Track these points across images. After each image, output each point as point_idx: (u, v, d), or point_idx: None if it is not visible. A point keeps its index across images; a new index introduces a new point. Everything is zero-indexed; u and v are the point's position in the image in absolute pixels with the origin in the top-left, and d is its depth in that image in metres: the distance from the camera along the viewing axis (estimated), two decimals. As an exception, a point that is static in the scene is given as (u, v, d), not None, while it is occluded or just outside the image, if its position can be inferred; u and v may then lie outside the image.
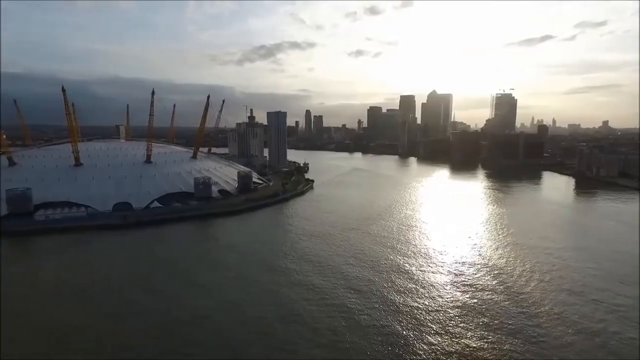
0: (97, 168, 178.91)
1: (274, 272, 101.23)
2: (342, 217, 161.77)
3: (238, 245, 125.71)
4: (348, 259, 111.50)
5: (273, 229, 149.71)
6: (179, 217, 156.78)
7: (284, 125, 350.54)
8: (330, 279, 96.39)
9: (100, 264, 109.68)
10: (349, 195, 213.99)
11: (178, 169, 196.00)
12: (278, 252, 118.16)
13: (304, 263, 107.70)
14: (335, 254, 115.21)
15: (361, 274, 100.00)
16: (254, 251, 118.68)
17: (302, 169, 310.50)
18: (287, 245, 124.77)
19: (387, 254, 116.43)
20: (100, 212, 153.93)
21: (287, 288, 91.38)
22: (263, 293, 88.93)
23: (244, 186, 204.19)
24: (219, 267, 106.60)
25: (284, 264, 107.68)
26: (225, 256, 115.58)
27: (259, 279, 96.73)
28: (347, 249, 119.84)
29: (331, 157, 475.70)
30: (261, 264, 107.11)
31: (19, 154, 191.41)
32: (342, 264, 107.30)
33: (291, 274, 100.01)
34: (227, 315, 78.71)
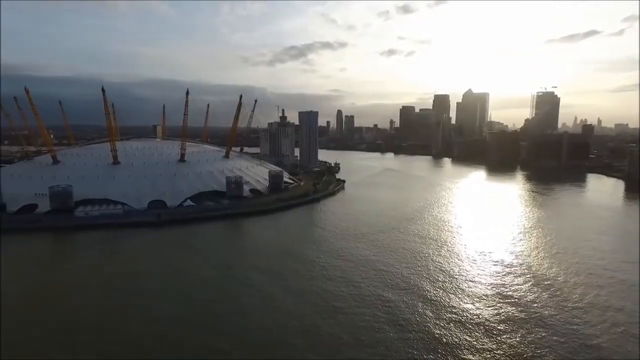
0: (133, 166, 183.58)
1: (305, 269, 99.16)
2: (374, 218, 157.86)
3: (268, 244, 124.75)
4: (380, 262, 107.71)
5: (304, 229, 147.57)
6: (210, 216, 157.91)
7: (315, 124, 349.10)
8: (363, 282, 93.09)
9: (134, 259, 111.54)
10: (381, 196, 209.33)
11: (211, 168, 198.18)
12: (310, 252, 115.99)
13: (334, 262, 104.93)
14: (367, 256, 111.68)
15: (394, 277, 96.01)
16: (287, 250, 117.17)
17: (333, 169, 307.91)
18: (319, 246, 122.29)
19: (421, 257, 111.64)
20: (135, 209, 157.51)
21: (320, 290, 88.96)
22: (307, 295, 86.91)
23: (275, 185, 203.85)
24: (245, 279, 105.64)
25: (316, 262, 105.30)
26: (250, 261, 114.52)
27: (293, 279, 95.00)
28: (380, 251, 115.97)
29: (362, 157, 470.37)
30: (292, 262, 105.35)
31: (62, 153, 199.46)
32: (373, 266, 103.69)
33: (322, 275, 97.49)
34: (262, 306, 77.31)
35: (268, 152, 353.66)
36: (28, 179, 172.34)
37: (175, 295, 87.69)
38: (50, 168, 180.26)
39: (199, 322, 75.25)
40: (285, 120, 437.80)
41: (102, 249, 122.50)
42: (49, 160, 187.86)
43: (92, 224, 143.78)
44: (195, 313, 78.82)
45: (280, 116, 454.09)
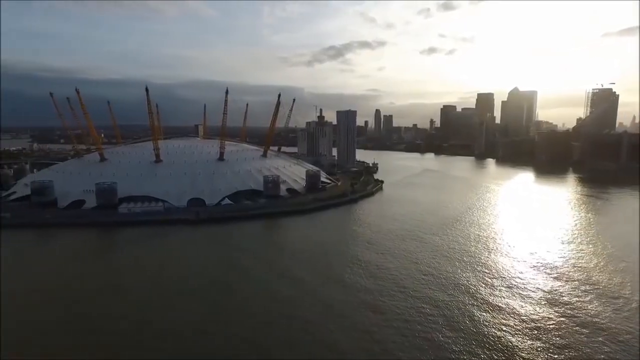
0: (174, 165, 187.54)
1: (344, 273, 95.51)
2: (414, 220, 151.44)
3: (304, 245, 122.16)
4: (423, 266, 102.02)
5: (341, 230, 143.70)
6: (247, 215, 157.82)
7: (353, 124, 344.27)
8: (403, 289, 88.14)
9: (174, 256, 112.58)
10: (420, 198, 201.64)
11: (248, 166, 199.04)
12: (347, 254, 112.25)
13: (374, 269, 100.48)
14: (409, 261, 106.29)
15: (438, 285, 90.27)
16: (325, 252, 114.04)
17: (371, 169, 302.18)
18: (356, 249, 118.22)
19: (466, 263, 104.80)
20: (175, 207, 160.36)
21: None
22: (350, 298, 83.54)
23: (312, 185, 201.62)
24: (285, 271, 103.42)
25: (353, 269, 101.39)
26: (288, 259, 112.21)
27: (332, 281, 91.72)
28: (422, 256, 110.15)
29: (401, 157, 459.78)
30: (330, 265, 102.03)
31: (109, 151, 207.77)
32: (416, 271, 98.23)
33: (361, 281, 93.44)
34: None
35: (305, 152, 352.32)
36: (77, 175, 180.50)
37: (217, 294, 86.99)
38: (97, 165, 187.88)
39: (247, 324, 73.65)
40: (323, 120, 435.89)
41: (143, 245, 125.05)
42: (96, 158, 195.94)
43: (134, 221, 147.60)
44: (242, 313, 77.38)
45: (318, 116, 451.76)
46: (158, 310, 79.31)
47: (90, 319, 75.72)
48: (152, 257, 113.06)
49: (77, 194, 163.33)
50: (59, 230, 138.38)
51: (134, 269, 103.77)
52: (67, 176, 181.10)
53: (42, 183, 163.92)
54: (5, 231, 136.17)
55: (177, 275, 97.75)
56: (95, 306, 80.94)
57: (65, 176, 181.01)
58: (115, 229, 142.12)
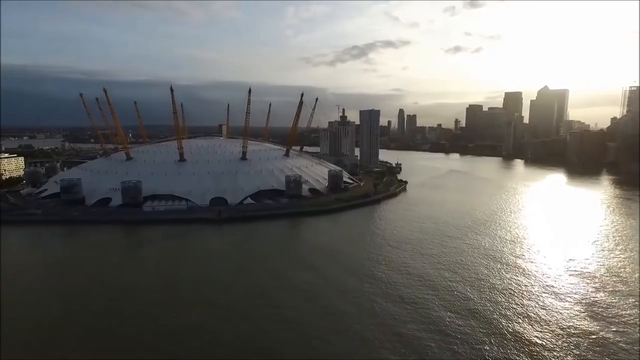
0: (198, 164, 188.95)
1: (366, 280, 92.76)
2: (439, 223, 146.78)
3: (327, 247, 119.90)
4: (446, 272, 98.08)
5: (364, 232, 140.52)
6: (269, 215, 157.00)
7: (376, 123, 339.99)
8: (425, 298, 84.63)
9: (195, 256, 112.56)
10: (446, 199, 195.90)
11: (271, 166, 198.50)
12: (368, 258, 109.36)
13: (396, 276, 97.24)
14: (432, 267, 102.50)
15: (463, 294, 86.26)
16: (347, 255, 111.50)
17: (395, 169, 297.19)
18: (379, 252, 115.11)
19: (494, 270, 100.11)
20: (198, 205, 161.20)
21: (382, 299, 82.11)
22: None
23: (335, 185, 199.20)
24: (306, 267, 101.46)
25: (374, 271, 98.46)
26: (314, 258, 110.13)
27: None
28: (447, 262, 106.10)
29: (425, 157, 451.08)
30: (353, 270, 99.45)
31: (135, 150, 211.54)
32: (440, 278, 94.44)
33: (378, 285, 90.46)
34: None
35: (328, 152, 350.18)
36: (105, 174, 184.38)
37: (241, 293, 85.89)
38: (123, 164, 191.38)
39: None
40: (346, 120, 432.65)
41: (165, 244, 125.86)
42: (123, 157, 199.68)
43: (158, 219, 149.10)
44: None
45: (341, 115, 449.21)
46: (178, 308, 78.92)
47: (109, 314, 76.02)
48: (173, 256, 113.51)
49: (104, 192, 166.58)
50: (86, 228, 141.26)
51: (156, 267, 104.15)
52: (94, 174, 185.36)
53: (71, 181, 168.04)
54: (35, 227, 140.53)
55: (195, 275, 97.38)
56: (116, 302, 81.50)
57: (92, 174, 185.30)
58: (139, 226, 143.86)
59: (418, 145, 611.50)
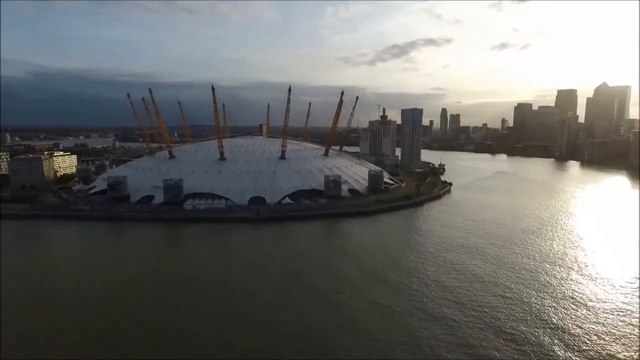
0: (237, 163, 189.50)
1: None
2: (486, 228, 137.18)
3: (365, 250, 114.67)
4: (500, 286, 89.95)
5: (405, 236, 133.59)
6: (307, 215, 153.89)
7: (419, 123, 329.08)
8: (474, 315, 77.43)
9: (234, 256, 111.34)
10: (494, 203, 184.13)
11: (309, 165, 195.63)
12: (411, 266, 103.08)
13: (443, 280, 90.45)
14: (481, 276, 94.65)
15: (516, 312, 78.24)
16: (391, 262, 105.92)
17: (438, 170, 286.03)
18: (423, 258, 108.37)
19: (555, 285, 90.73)
20: (237, 204, 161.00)
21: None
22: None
23: (375, 186, 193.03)
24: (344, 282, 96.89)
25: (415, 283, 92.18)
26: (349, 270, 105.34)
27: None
28: (497, 271, 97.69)
29: (470, 158, 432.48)
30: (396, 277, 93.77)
31: (177, 149, 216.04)
32: (489, 293, 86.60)
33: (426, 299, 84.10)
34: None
35: (368, 151, 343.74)
36: (149, 172, 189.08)
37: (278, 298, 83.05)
38: (166, 163, 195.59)
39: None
40: (386, 119, 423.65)
41: (205, 243, 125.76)
42: (166, 156, 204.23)
43: (198, 217, 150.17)
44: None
45: (381, 115, 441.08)
46: (216, 308, 77.24)
47: (147, 312, 75.41)
48: (212, 255, 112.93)
49: (147, 190, 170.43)
50: (129, 225, 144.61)
51: (196, 266, 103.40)
52: (139, 172, 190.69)
53: (117, 179, 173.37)
54: (83, 223, 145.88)
55: (234, 275, 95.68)
56: (157, 300, 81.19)
57: (137, 172, 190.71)
58: (180, 224, 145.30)
59: (462, 145, 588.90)
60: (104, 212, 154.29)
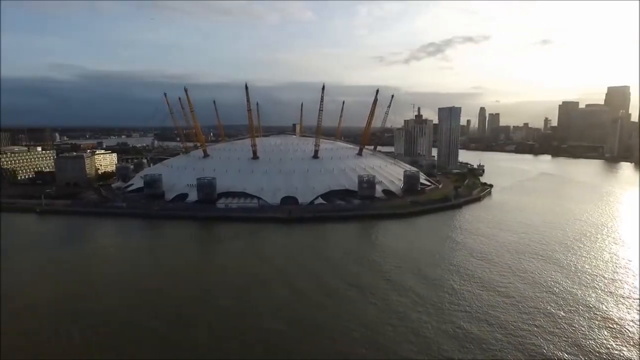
0: (270, 162, 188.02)
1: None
2: (532, 233, 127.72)
3: (400, 256, 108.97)
4: (557, 307, 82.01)
5: (444, 241, 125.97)
6: (340, 216, 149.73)
7: (457, 122, 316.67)
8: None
9: (267, 256, 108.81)
10: (539, 206, 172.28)
11: (343, 165, 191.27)
12: (449, 278, 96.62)
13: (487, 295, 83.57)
14: (530, 289, 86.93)
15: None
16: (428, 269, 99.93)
17: (477, 171, 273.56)
18: (463, 268, 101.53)
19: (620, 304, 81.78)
20: (269, 204, 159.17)
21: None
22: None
23: (410, 187, 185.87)
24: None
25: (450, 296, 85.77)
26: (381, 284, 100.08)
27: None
28: (555, 287, 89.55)
29: (510, 159, 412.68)
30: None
31: (211, 147, 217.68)
32: (541, 306, 78.95)
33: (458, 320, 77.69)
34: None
35: (402, 152, 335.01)
36: (183, 170, 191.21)
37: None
38: (200, 161, 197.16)
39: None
40: (421, 118, 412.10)
41: (237, 243, 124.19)
42: (201, 155, 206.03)
43: (230, 217, 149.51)
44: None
45: (416, 114, 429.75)
46: (251, 310, 74.71)
47: (177, 310, 73.91)
48: (245, 255, 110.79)
49: (182, 188, 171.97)
50: (163, 222, 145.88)
51: (228, 266, 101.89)
52: (174, 171, 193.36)
53: (153, 176, 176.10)
54: (120, 219, 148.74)
55: (266, 277, 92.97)
56: (192, 299, 79.97)
57: (172, 171, 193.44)
58: (213, 223, 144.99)
59: (501, 145, 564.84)
60: (140, 209, 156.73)
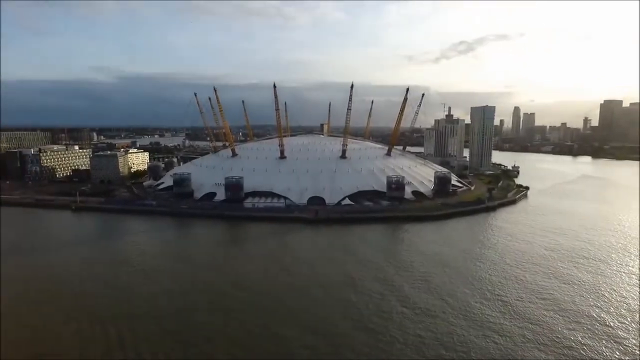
0: (297, 161, 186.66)
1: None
2: (574, 240, 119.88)
3: (432, 262, 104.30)
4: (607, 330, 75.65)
5: (478, 246, 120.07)
6: (368, 218, 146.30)
7: (490, 121, 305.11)
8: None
9: (294, 257, 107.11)
10: (580, 211, 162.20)
11: (371, 165, 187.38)
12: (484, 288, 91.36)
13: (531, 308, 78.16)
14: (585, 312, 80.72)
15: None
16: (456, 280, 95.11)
17: (511, 172, 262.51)
18: (499, 278, 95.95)
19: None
20: (295, 204, 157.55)
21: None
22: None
23: (441, 188, 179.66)
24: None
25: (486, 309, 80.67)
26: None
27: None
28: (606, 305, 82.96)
29: (547, 160, 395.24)
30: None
31: (239, 147, 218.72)
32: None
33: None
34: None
35: (432, 152, 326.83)
36: (212, 169, 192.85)
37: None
38: (228, 160, 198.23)
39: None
40: (452, 118, 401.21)
41: (264, 243, 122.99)
42: (229, 154, 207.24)
43: (257, 216, 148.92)
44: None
45: (446, 114, 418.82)
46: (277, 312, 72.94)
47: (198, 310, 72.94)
48: (272, 256, 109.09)
49: (210, 187, 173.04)
50: (191, 221, 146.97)
51: (255, 267, 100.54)
52: (203, 170, 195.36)
53: (182, 175, 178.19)
54: (150, 217, 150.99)
55: (293, 279, 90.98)
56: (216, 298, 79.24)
57: (201, 170, 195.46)
58: (240, 222, 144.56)
59: (537, 146, 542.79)
60: (169, 207, 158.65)
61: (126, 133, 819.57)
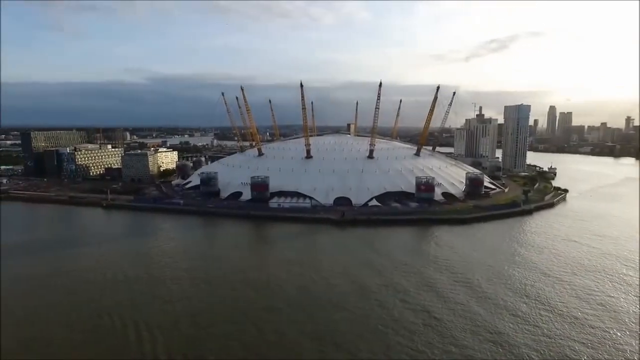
0: (324, 161, 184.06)
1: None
2: (619, 248, 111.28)
3: (464, 270, 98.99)
4: None
5: (515, 253, 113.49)
6: (396, 220, 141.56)
7: (525, 121, 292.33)
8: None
9: (319, 259, 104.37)
10: (626, 216, 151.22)
11: (399, 166, 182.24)
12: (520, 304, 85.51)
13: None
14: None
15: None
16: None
17: (548, 174, 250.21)
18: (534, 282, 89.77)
19: None
20: (321, 204, 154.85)
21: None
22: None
23: (473, 190, 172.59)
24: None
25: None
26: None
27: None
28: None
29: (586, 161, 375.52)
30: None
31: (266, 147, 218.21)
32: None
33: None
34: None
35: (462, 152, 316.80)
36: (238, 168, 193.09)
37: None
38: (255, 160, 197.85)
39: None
40: (483, 118, 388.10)
41: (290, 244, 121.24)
42: (255, 153, 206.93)
43: (283, 216, 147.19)
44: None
45: (477, 114, 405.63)
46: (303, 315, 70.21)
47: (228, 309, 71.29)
48: (297, 258, 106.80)
49: (236, 186, 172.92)
50: (217, 220, 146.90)
51: (281, 267, 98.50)
52: (229, 169, 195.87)
53: (209, 174, 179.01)
54: (176, 216, 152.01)
55: (315, 282, 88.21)
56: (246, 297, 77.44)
57: (228, 169, 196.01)
58: (265, 222, 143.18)
59: (574, 147, 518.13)
60: (196, 206, 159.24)
61: (157, 133, 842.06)
